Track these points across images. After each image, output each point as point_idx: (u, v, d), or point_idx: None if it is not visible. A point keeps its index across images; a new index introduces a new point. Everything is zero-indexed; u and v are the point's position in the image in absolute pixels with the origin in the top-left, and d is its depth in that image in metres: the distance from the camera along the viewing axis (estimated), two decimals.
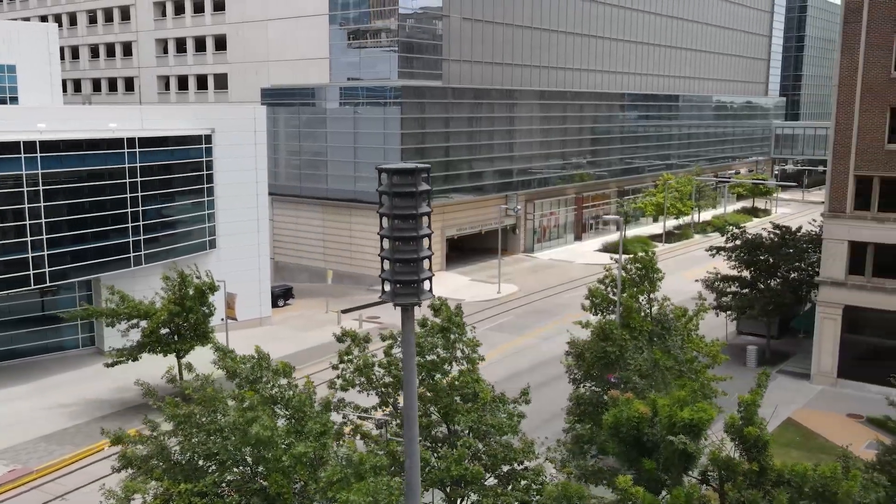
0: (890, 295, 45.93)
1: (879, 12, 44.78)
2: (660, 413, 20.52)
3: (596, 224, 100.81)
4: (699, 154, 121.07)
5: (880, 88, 45.21)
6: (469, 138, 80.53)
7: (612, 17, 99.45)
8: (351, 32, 76.69)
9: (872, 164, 45.87)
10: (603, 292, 38.33)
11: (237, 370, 22.42)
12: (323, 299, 68.97)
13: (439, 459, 23.23)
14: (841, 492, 19.99)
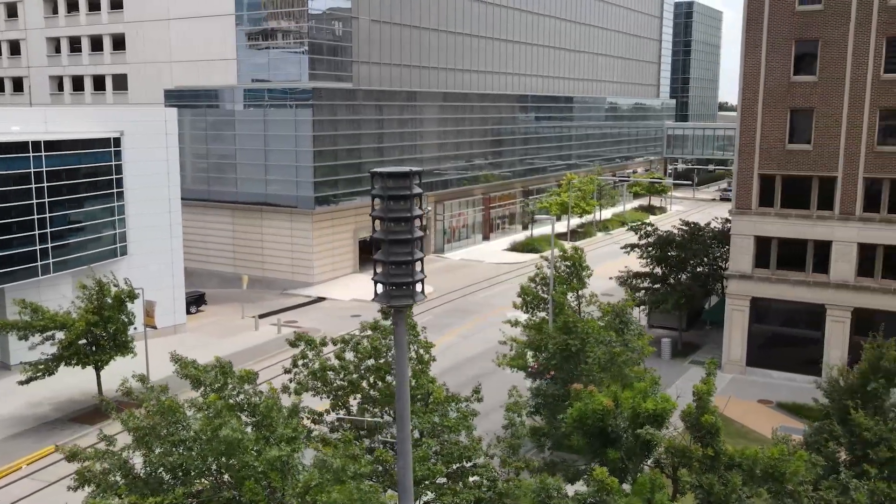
0: (793, 286, 48.76)
1: (778, 19, 47.48)
2: (623, 405, 21.38)
3: (503, 223, 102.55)
4: (598, 154, 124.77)
5: (781, 91, 47.94)
6: (380, 140, 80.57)
7: (514, 21, 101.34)
8: (258, 33, 75.51)
9: (775, 163, 48.59)
10: (534, 290, 39.25)
11: (201, 378, 21.93)
12: (236, 305, 67.71)
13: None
14: (788, 472, 21.32)
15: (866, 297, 47.03)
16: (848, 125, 46.42)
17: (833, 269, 47.72)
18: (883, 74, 45.48)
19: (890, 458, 25.48)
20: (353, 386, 26.15)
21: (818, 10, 46.66)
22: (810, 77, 47.22)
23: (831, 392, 28.61)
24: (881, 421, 26.17)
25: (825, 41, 46.63)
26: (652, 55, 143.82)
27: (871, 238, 46.68)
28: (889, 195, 46.18)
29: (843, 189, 46.99)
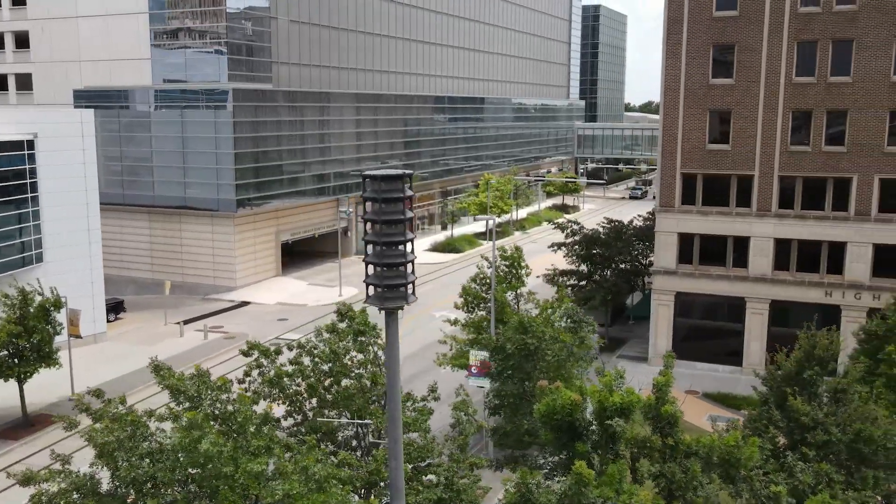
0: (714, 280, 50.80)
1: (697, 24, 49.38)
2: (591, 399, 22.01)
3: (422, 224, 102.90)
4: (511, 154, 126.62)
5: (701, 94, 49.87)
6: (301, 142, 79.76)
7: (430, 22, 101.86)
8: (172, 32, 73.63)
9: (696, 162, 50.50)
10: (475, 290, 39.71)
11: (180, 388, 21.36)
12: (156, 312, 65.95)
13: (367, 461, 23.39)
14: (743, 458, 22.36)
15: (783, 290, 49.42)
16: (763, 126, 48.67)
17: (752, 263, 49.94)
18: (795, 77, 47.87)
19: (826, 441, 27.00)
20: (311, 390, 25.97)
21: (734, 16, 48.74)
22: (728, 80, 49.29)
23: (769, 380, 30.05)
24: (816, 406, 27.68)
25: (741, 46, 48.75)
26: (562, 57, 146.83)
27: (786, 233, 49.06)
28: (802, 192, 48.66)
29: (759, 187, 49.22)
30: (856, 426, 27.12)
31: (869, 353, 37.21)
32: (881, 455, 27.55)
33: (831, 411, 27.46)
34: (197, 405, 20.93)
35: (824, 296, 48.62)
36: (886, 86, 46.15)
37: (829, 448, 26.95)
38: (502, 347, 30.65)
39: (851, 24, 46.42)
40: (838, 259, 48.30)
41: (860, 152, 47.07)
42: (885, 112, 46.35)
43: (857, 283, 47.79)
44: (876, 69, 46.20)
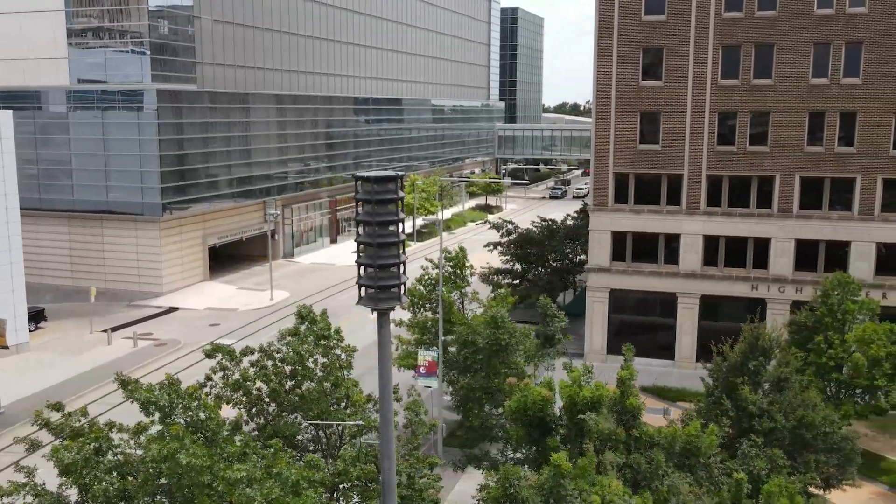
0: (647, 277, 52.28)
1: (627, 28, 50.72)
2: (561, 394, 22.48)
3: (348, 226, 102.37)
4: (434, 156, 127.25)
5: (631, 96, 51.24)
6: (227, 143, 78.41)
7: (356, 24, 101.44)
8: (91, 31, 71.29)
9: (628, 162, 51.85)
10: (420, 291, 39.88)
11: (153, 399, 20.69)
12: (80, 320, 63.76)
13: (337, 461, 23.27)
14: (704, 446, 23.22)
15: (712, 285, 51.22)
16: (691, 127, 50.36)
17: (682, 259, 51.60)
18: (720, 80, 49.70)
19: (771, 428, 28.24)
20: (275, 394, 25.67)
21: (662, 21, 50.27)
22: (657, 82, 50.80)
23: (715, 371, 31.20)
24: (762, 395, 28.92)
25: (669, 49, 50.33)
26: (482, 59, 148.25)
27: (714, 230, 50.88)
28: (729, 191, 50.55)
29: (688, 186, 50.91)
30: (798, 413, 28.48)
31: (799, 343, 38.99)
32: (820, 440, 28.99)
33: (775, 399, 28.73)
34: (169, 415, 20.43)
35: (751, 290, 50.61)
36: (805, 88, 48.37)
37: (775, 434, 28.19)
38: (473, 342, 30.95)
39: (772, 28, 48.48)
40: (763, 254, 50.35)
41: (782, 152, 49.20)
42: (805, 113, 48.57)
43: (782, 277, 49.93)
44: (795, 72, 48.37)
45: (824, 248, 49.41)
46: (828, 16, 47.57)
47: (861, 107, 47.68)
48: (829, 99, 48.12)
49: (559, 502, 19.34)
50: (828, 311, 38.24)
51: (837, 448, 29.26)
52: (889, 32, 46.69)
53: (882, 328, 37.73)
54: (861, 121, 47.77)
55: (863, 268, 47.85)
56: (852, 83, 47.68)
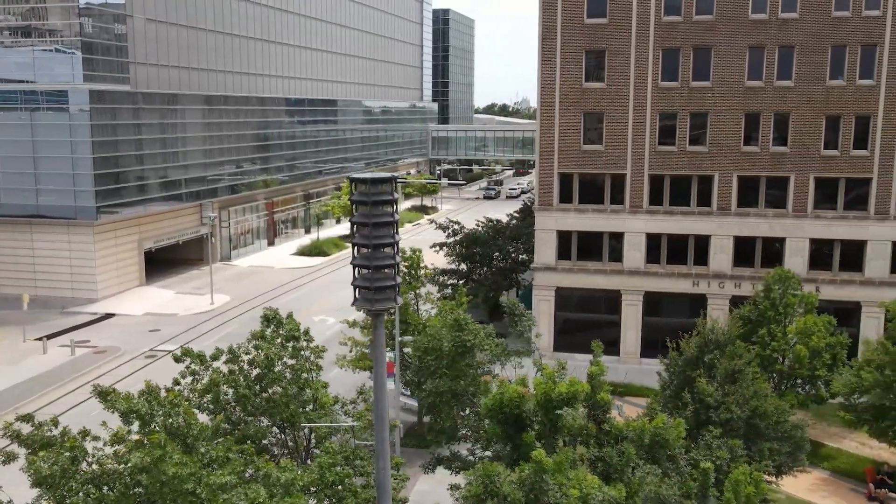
0: (592, 275, 53.26)
1: (570, 31, 51.60)
2: (536, 390, 22.82)
3: (286, 228, 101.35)
4: (370, 157, 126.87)
5: (575, 97, 52.14)
6: (162, 145, 76.76)
7: (292, 24, 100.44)
8: (19, 29, 68.89)
9: (572, 162, 52.74)
10: None
11: (134, 409, 20.13)
12: (9, 328, 61.50)
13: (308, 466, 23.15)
14: (672, 438, 23.90)
15: (655, 282, 52.51)
16: (634, 128, 51.52)
17: (626, 257, 52.73)
18: (661, 82, 50.99)
19: (728, 418, 29.20)
20: (244, 399, 25.33)
21: (604, 24, 51.30)
22: (600, 84, 51.82)
23: (671, 365, 32.07)
24: (719, 387, 29.87)
25: (611, 51, 51.39)
26: (415, 60, 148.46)
27: (656, 228, 52.17)
28: (670, 189, 51.89)
29: (631, 185, 52.07)
30: (752, 403, 29.53)
31: (743, 336, 40.24)
32: (773, 429, 30.11)
33: (730, 391, 29.71)
34: (148, 423, 19.99)
35: (692, 286, 52.08)
36: (741, 90, 50.01)
37: (731, 425, 29.14)
38: (437, 348, 31.09)
39: (709, 32, 49.99)
40: (704, 251, 51.87)
41: (720, 152, 50.77)
42: (741, 115, 50.22)
43: (721, 273, 51.51)
44: (732, 75, 49.97)
45: (761, 245, 51.18)
46: (762, 21, 49.29)
47: (794, 108, 49.56)
48: (764, 101, 49.87)
49: (540, 497, 19.69)
50: (770, 305, 39.66)
51: (789, 436, 30.45)
52: (819, 37, 48.65)
53: (821, 320, 39.33)
54: (794, 122, 49.65)
55: (797, 263, 49.71)
56: (785, 85, 49.51)
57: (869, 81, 48.50)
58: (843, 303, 49.20)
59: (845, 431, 41.78)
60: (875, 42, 48.06)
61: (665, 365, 32.53)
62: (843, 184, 49.67)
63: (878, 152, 48.80)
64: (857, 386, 35.74)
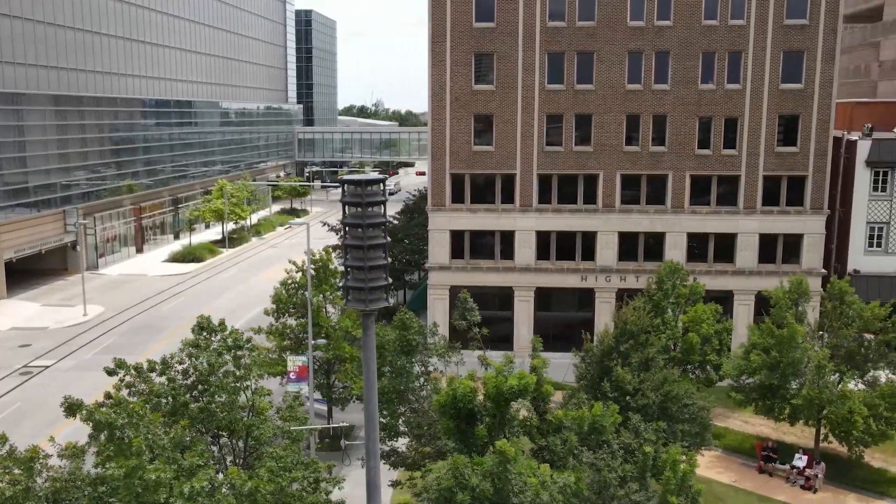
0: (485, 273, 54.50)
1: (460, 34, 52.61)
2: (486, 385, 23.36)
3: (154, 234, 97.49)
4: (238, 159, 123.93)
5: (465, 99, 53.20)
6: (19, 149, 72.15)
7: (156, 23, 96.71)
8: None
9: (464, 163, 53.78)
10: (286, 296, 39.36)
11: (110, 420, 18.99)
12: None
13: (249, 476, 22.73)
14: (608, 424, 25.12)
15: (545, 278, 54.36)
16: (522, 129, 53.13)
17: (517, 255, 54.31)
18: (547, 85, 52.86)
19: (645, 404, 30.88)
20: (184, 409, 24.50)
21: (492, 28, 52.63)
22: (489, 86, 53.11)
23: (588, 356, 33.49)
24: (635, 375, 31.52)
25: (499, 55, 52.80)
26: (279, 61, 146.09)
27: (545, 226, 54.02)
28: (558, 188, 53.86)
29: (521, 185, 53.67)
30: (665, 388, 31.34)
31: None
32: (683, 411, 32.08)
33: (645, 378, 31.43)
34: (118, 434, 19.10)
35: (581, 281, 54.28)
36: (622, 93, 52.59)
37: (647, 409, 30.84)
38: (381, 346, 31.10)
39: (592, 38, 52.28)
40: (591, 247, 54.14)
41: (604, 152, 53.19)
42: (622, 116, 52.81)
43: (608, 267, 53.97)
44: (613, 78, 52.46)
45: (643, 240, 53.99)
46: (639, 27, 52.03)
47: (670, 110, 52.59)
48: (643, 103, 52.65)
49: (505, 486, 20.31)
50: (664, 295, 42.03)
51: (696, 417, 32.51)
52: (691, 44, 51.88)
53: (709, 309, 42.08)
54: (670, 123, 52.70)
55: (676, 256, 52.67)
56: (662, 89, 52.47)
57: (736, 86, 52.16)
58: (717, 292, 52.54)
59: (729, 412, 44.91)
60: (740, 49, 51.74)
61: (581, 356, 33.92)
62: (716, 181, 53.18)
63: (745, 151, 52.56)
64: (746, 368, 38.49)
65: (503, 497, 20.14)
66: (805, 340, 37.62)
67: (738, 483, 37.55)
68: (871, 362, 38.14)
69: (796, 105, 52.02)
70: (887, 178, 54.81)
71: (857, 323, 38.51)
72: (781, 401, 37.50)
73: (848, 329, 38.54)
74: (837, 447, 38.85)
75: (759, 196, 52.85)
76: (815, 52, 51.50)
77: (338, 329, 39.04)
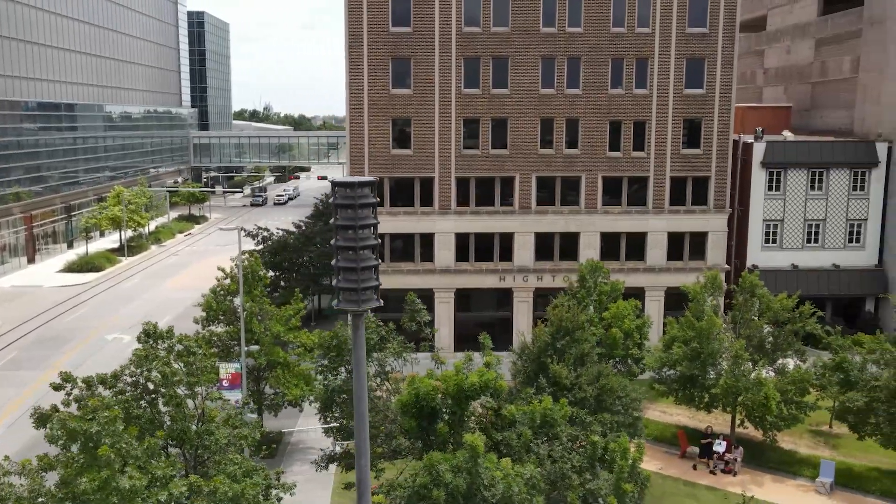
0: (406, 275, 54.81)
1: (376, 39, 52.88)
2: (447, 383, 23.73)
3: (45, 243, 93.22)
4: (132, 165, 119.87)
5: (383, 103, 53.50)
6: None
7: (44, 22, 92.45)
8: None
9: (383, 167, 54.04)
10: (215, 303, 38.69)
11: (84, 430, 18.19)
12: None
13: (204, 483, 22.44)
14: (559, 417, 25.99)
15: (465, 279, 55.20)
16: (440, 132, 53.84)
17: (437, 257, 54.94)
18: (464, 89, 53.73)
19: (582, 397, 31.97)
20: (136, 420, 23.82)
21: (408, 32, 53.14)
22: (406, 90, 53.57)
23: (524, 353, 34.36)
24: (572, 370, 32.58)
25: (416, 59, 53.34)
26: (172, 63, 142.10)
27: (464, 228, 54.88)
28: (476, 191, 54.81)
29: (440, 187, 54.35)
30: (601, 382, 32.54)
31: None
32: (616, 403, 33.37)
33: (581, 373, 32.55)
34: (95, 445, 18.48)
35: (499, 281, 55.38)
36: (536, 97, 54.03)
37: (584, 403, 31.95)
38: (338, 346, 30.97)
39: (506, 43, 53.50)
40: (508, 248, 55.34)
41: (519, 154, 54.47)
42: (537, 120, 54.24)
43: (525, 267, 55.27)
44: (527, 83, 53.84)
45: (559, 240, 55.57)
46: (552, 34, 53.60)
47: (582, 114, 54.37)
48: (556, 107, 54.23)
49: (475, 480, 20.79)
50: (586, 293, 43.48)
51: (629, 409, 33.85)
52: (600, 50, 53.80)
53: (629, 305, 43.77)
54: (582, 126, 54.47)
55: (590, 255, 54.41)
56: (574, 93, 54.20)
57: (643, 91, 54.41)
58: (630, 289, 54.29)
59: (649, 403, 46.67)
60: (647, 56, 54.02)
61: (517, 353, 34.78)
62: (626, 182, 55.31)
63: (653, 154, 54.87)
64: (668, 360, 40.31)
65: (474, 491, 20.63)
66: (722, 332, 39.72)
67: (663, 470, 39.24)
68: (780, 351, 40.59)
69: (699, 109, 54.70)
70: (780, 178, 58.30)
71: (766, 314, 40.92)
72: (701, 390, 39.45)
73: (759, 320, 40.91)
74: (752, 432, 41.16)
75: (666, 196, 55.27)
76: (715, 60, 54.31)
77: (268, 335, 38.62)
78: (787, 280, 56.47)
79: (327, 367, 31.35)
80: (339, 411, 29.07)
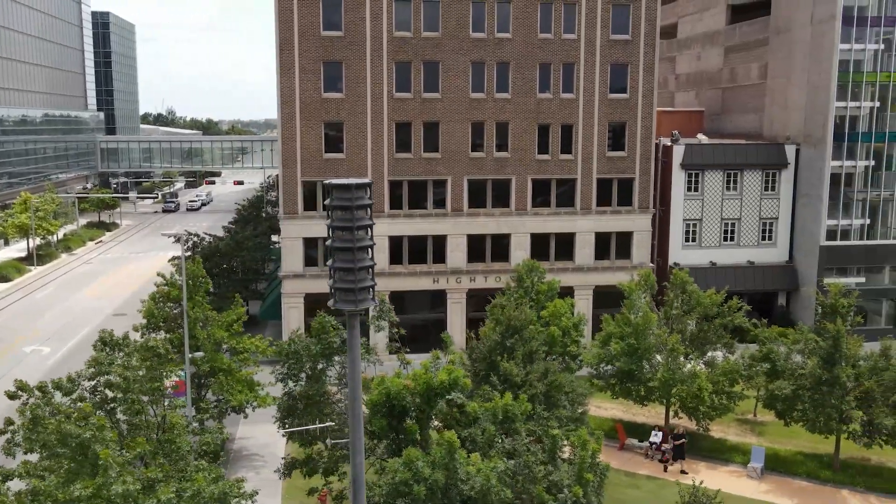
0: None
1: (307, 43, 52.74)
2: (415, 381, 24.05)
3: None
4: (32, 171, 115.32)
5: (315, 107, 53.39)
6: None
7: None
8: None
9: (315, 171, 53.90)
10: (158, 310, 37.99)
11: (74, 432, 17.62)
12: None
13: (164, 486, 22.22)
14: (520, 412, 26.72)
15: (399, 281, 55.54)
16: (372, 136, 54.08)
17: None
18: (395, 93, 54.13)
19: (533, 393, 32.82)
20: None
21: (339, 36, 53.21)
22: (338, 94, 53.63)
23: (474, 352, 34.96)
24: (521, 367, 33.39)
25: (347, 64, 53.45)
26: (76, 65, 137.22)
27: (398, 231, 55.23)
28: (409, 194, 55.25)
29: (373, 191, 54.43)
30: (550, 378, 33.49)
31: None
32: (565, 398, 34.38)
33: (531, 370, 33.41)
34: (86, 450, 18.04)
35: (433, 283, 55.97)
36: (467, 102, 54.88)
37: (534, 399, 32.81)
38: (297, 352, 30.77)
39: (437, 48, 54.16)
40: (441, 250, 55.99)
41: (451, 158, 55.20)
42: (468, 124, 55.10)
43: (458, 269, 56.01)
44: (458, 87, 54.63)
45: (490, 241, 56.53)
46: (481, 39, 54.57)
47: (511, 118, 55.50)
48: (486, 111, 55.22)
49: (452, 475, 21.25)
50: (524, 292, 44.45)
51: (575, 403, 34.91)
52: (529, 55, 55.06)
53: (566, 303, 44.94)
54: (512, 130, 55.61)
55: (521, 256, 55.64)
56: (503, 97, 55.29)
57: (570, 95, 55.95)
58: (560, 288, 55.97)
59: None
60: (573, 61, 55.59)
61: (467, 353, 35.37)
62: (555, 184, 56.72)
63: (580, 156, 56.47)
64: (605, 356, 41.65)
65: (451, 486, 21.08)
66: (656, 328, 41.31)
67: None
68: (710, 344, 42.49)
69: (623, 113, 56.59)
70: (699, 179, 60.85)
71: (697, 309, 42.76)
72: (638, 384, 40.92)
73: (689, 315, 42.71)
74: (685, 422, 42.90)
75: (593, 197, 56.95)
76: (637, 65, 56.32)
77: (210, 341, 38.11)
78: (706, 277, 58.90)
79: (287, 374, 31.24)
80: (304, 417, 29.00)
